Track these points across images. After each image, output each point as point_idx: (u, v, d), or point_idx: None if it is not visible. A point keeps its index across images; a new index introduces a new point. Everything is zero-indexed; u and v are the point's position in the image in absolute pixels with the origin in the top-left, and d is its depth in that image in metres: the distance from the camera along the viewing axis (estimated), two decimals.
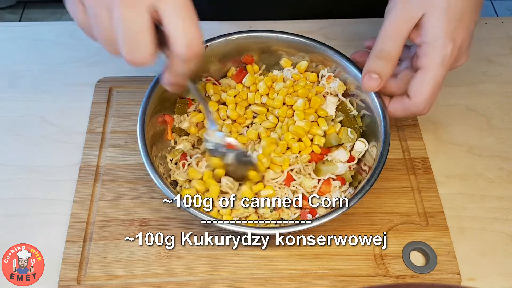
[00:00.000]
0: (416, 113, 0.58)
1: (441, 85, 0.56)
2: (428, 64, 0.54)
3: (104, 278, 0.57)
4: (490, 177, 0.66)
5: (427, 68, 0.55)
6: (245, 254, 0.59)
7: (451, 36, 0.53)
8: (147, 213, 0.62)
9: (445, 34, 0.53)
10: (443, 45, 0.53)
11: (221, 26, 0.80)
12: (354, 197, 0.55)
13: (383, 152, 0.58)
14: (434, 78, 0.55)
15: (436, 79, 0.55)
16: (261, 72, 0.70)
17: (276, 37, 0.68)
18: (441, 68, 0.54)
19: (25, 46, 0.80)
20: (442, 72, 0.55)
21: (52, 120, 0.71)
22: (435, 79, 0.55)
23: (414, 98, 0.56)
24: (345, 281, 0.57)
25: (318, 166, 0.61)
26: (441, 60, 0.54)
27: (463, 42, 0.55)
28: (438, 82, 0.55)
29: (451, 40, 0.53)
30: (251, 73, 0.68)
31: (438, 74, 0.54)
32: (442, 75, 0.55)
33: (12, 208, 0.62)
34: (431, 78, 0.55)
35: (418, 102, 0.56)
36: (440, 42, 0.53)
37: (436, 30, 0.53)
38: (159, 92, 0.62)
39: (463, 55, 0.57)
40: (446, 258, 0.58)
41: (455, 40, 0.54)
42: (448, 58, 0.54)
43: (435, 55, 0.54)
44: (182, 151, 0.63)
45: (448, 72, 0.56)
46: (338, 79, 0.66)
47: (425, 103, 0.56)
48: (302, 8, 0.86)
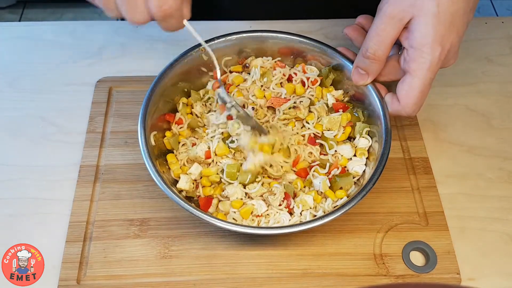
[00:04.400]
0: (405, 116, 0.59)
1: (429, 88, 0.57)
2: (416, 69, 0.55)
3: (104, 278, 0.57)
4: (490, 177, 0.66)
5: (414, 73, 0.55)
6: (245, 254, 0.59)
7: (439, 41, 0.53)
8: (147, 213, 0.62)
9: (433, 40, 0.53)
10: (431, 50, 0.53)
11: (221, 26, 0.80)
12: (354, 197, 0.55)
13: (384, 151, 0.58)
14: (422, 83, 0.55)
15: (424, 84, 0.55)
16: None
17: (276, 37, 0.68)
18: (429, 73, 0.55)
19: (25, 46, 0.80)
20: (430, 76, 0.55)
21: (52, 120, 0.71)
22: (423, 84, 0.55)
23: (403, 102, 0.57)
24: (345, 281, 0.57)
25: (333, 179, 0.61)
26: (428, 66, 0.54)
27: (452, 46, 0.55)
28: (426, 86, 0.56)
29: (439, 45, 0.53)
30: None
31: (425, 78, 0.55)
32: (430, 78, 0.56)
33: (12, 208, 0.62)
34: (419, 83, 0.55)
35: (407, 106, 0.57)
36: (427, 47, 0.53)
37: (424, 36, 0.53)
38: (159, 92, 0.62)
39: (452, 58, 0.57)
40: (446, 258, 0.58)
41: (444, 45, 0.54)
42: (435, 63, 0.54)
43: (422, 61, 0.54)
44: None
45: (436, 74, 0.56)
46: (315, 68, 0.69)
47: (414, 106, 0.57)
48: (302, 8, 0.86)
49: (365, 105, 0.64)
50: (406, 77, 0.56)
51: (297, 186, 0.60)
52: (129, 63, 0.77)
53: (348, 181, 0.59)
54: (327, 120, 0.63)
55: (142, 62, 0.76)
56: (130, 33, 0.80)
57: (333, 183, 0.60)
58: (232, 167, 0.59)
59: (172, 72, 0.64)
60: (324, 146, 0.63)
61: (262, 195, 0.59)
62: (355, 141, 0.64)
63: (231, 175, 0.59)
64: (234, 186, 0.59)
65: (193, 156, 0.61)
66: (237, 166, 0.59)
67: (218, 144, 0.61)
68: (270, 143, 0.60)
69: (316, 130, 0.63)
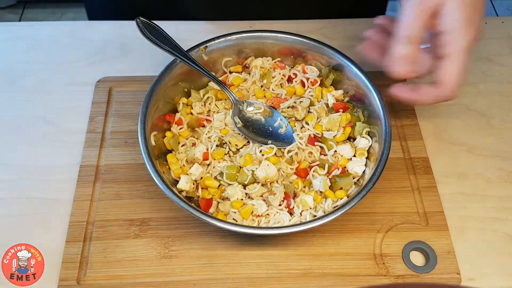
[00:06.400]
0: (447, 99, 0.61)
1: (465, 68, 0.58)
2: (452, 52, 0.57)
3: (104, 278, 0.57)
4: (490, 177, 0.66)
5: (452, 56, 0.57)
6: (245, 254, 0.59)
7: (469, 23, 0.56)
8: (147, 213, 0.62)
9: (464, 22, 0.56)
10: (464, 32, 0.56)
11: (221, 26, 0.80)
12: (354, 197, 0.55)
13: (384, 151, 0.58)
14: (460, 64, 0.57)
15: (462, 65, 0.57)
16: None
17: (276, 37, 0.68)
18: (465, 54, 0.57)
19: (25, 46, 0.80)
20: (466, 57, 0.57)
21: (52, 120, 0.71)
22: (462, 65, 0.57)
23: (445, 86, 0.59)
24: (345, 281, 0.57)
25: (333, 179, 0.61)
26: (464, 47, 0.56)
27: (479, 25, 0.57)
28: (463, 67, 0.58)
29: (470, 26, 0.56)
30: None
31: (463, 60, 0.57)
32: (467, 59, 0.58)
33: (12, 208, 0.62)
34: (457, 65, 0.57)
35: (449, 89, 0.59)
36: (461, 30, 0.56)
37: (455, 19, 0.56)
38: (159, 92, 0.62)
39: (478, 35, 0.59)
40: (446, 258, 0.58)
41: (472, 25, 0.56)
42: (470, 43, 0.57)
43: (457, 43, 0.56)
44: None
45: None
46: (316, 69, 0.69)
47: (456, 88, 0.59)
48: (302, 8, 0.86)
49: (365, 105, 0.64)
50: (444, 62, 0.58)
51: (297, 186, 0.60)
52: (129, 63, 0.77)
53: (348, 181, 0.59)
54: (326, 121, 0.63)
55: (142, 62, 0.76)
56: (130, 33, 0.80)
57: (333, 183, 0.60)
58: (231, 168, 0.59)
59: (172, 72, 0.64)
60: (324, 146, 0.63)
61: (262, 195, 0.59)
62: (355, 142, 0.64)
63: (230, 176, 0.59)
64: (234, 187, 0.59)
65: (191, 157, 0.61)
66: (236, 167, 0.59)
67: (216, 149, 0.62)
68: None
69: (316, 131, 0.63)
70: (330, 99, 0.66)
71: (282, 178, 0.61)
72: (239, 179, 0.59)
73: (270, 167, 0.59)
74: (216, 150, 0.61)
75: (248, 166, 0.60)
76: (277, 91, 0.67)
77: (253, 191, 0.59)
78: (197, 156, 0.61)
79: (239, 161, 0.61)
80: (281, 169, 0.61)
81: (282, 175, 0.61)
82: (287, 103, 0.65)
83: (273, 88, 0.68)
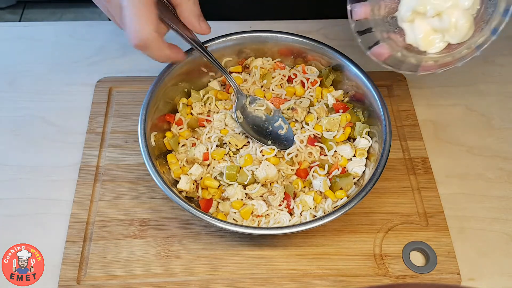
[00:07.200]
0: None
1: None
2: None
3: (104, 278, 0.57)
4: (490, 177, 0.66)
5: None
6: (245, 254, 0.59)
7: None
8: (147, 213, 0.62)
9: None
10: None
11: (221, 26, 0.80)
12: (354, 198, 0.55)
13: (384, 151, 0.58)
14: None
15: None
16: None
17: (276, 37, 0.68)
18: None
19: (25, 46, 0.80)
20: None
21: (52, 120, 0.71)
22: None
23: None
24: (345, 281, 0.57)
25: (333, 179, 0.60)
26: None
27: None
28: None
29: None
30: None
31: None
32: None
33: (12, 208, 0.62)
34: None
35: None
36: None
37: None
38: (160, 92, 0.62)
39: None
40: (446, 258, 0.58)
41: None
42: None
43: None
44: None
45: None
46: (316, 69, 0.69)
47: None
48: (302, 8, 0.86)
49: (365, 105, 0.64)
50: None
51: (297, 186, 0.60)
52: (129, 63, 0.77)
53: (348, 181, 0.59)
54: (326, 121, 0.63)
55: (142, 62, 0.76)
56: None
57: (333, 184, 0.60)
58: (231, 169, 0.59)
59: (172, 72, 0.64)
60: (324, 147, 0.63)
61: (262, 195, 0.59)
62: (355, 142, 0.64)
63: (230, 177, 0.59)
64: (234, 187, 0.59)
65: (191, 157, 0.61)
66: (236, 168, 0.59)
67: (216, 149, 0.62)
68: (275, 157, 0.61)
69: (316, 131, 0.63)
70: (330, 100, 0.66)
71: (282, 178, 0.61)
72: (239, 180, 0.59)
73: (270, 168, 0.59)
74: (216, 151, 0.62)
75: (248, 166, 0.60)
76: (277, 92, 0.67)
77: (253, 191, 0.59)
78: (197, 157, 0.61)
79: (239, 161, 0.61)
80: (281, 170, 0.61)
81: (282, 176, 0.61)
82: (287, 104, 0.65)
83: (273, 88, 0.68)
